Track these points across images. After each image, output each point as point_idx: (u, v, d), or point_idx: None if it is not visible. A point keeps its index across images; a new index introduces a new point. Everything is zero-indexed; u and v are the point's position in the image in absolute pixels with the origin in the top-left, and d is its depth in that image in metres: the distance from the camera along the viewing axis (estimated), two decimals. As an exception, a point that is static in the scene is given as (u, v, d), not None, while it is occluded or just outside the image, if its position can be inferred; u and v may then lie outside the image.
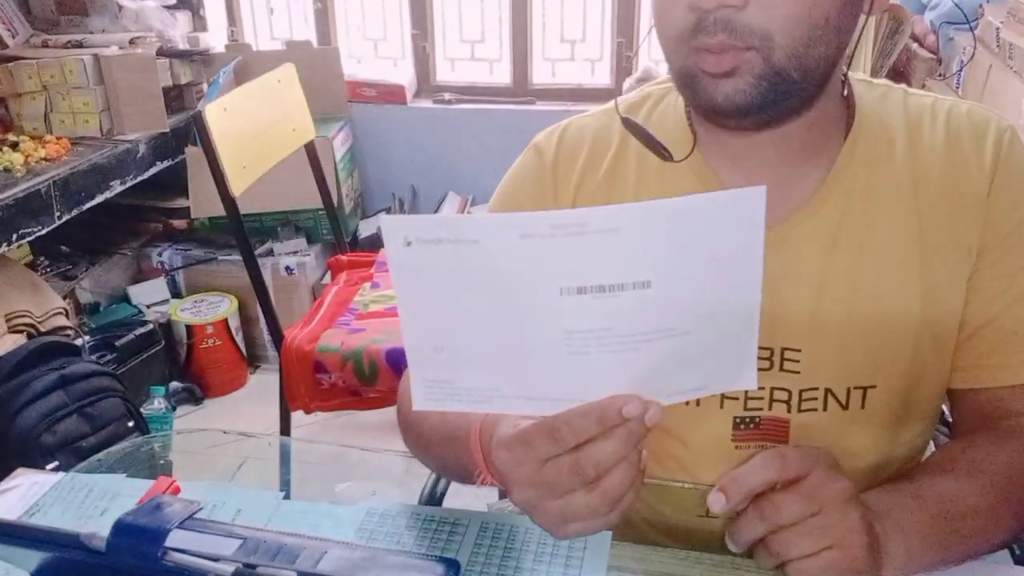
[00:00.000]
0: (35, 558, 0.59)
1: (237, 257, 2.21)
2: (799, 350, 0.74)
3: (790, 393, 0.75)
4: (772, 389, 0.76)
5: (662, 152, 0.77)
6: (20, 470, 0.83)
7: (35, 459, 1.58)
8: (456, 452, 0.69)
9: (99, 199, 2.11)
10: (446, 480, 0.92)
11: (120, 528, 0.51)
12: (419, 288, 0.51)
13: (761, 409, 0.76)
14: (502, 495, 1.50)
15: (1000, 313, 0.74)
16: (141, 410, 1.93)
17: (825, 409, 0.75)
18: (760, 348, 0.74)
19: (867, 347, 0.74)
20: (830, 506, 0.58)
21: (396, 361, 1.59)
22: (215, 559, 0.51)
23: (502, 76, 2.80)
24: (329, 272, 2.47)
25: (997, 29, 1.88)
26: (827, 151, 0.75)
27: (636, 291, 0.49)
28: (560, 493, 0.55)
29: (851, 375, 0.75)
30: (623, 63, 2.66)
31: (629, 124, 0.78)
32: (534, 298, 0.50)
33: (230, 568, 0.49)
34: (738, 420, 0.77)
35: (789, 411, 0.76)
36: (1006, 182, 0.73)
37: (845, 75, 0.75)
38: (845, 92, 0.75)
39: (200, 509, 0.54)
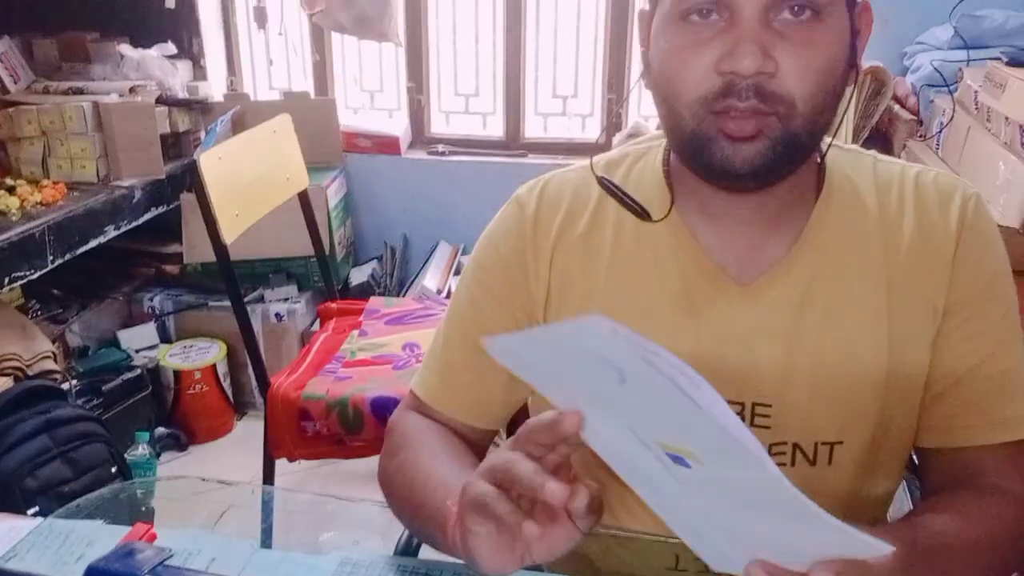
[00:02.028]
0: (7, 603, 0.60)
1: (228, 303, 2.22)
2: (769, 405, 0.76)
3: (760, 448, 0.76)
4: (743, 444, 0.77)
5: (639, 212, 0.79)
6: (-2, 515, 0.83)
7: (17, 503, 1.57)
8: (439, 526, 0.67)
9: (93, 243, 2.13)
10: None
11: (92, 573, 0.51)
12: None
13: (732, 464, 0.77)
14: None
15: (967, 374, 0.76)
16: (125, 456, 1.92)
17: (793, 464, 0.76)
18: (732, 403, 0.76)
19: (835, 404, 0.75)
20: None
21: (381, 410, 1.60)
22: (184, 606, 0.51)
23: (495, 129, 2.85)
24: (319, 319, 2.48)
25: (975, 92, 1.93)
26: (800, 211, 0.77)
27: None
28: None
29: (818, 431, 0.76)
30: (613, 118, 2.71)
31: (605, 185, 0.80)
32: None
33: (197, 616, 0.50)
34: (709, 474, 0.77)
35: (759, 466, 0.77)
36: (971, 246, 0.76)
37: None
38: (819, 157, 0.78)
39: (171, 556, 0.54)
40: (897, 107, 2.28)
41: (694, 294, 0.77)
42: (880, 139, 2.30)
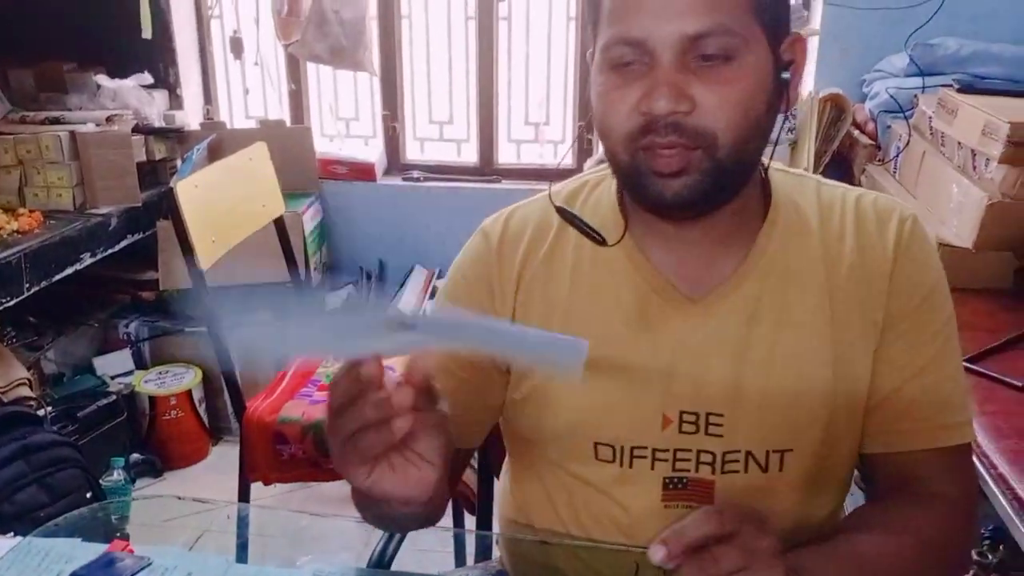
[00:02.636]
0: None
1: (203, 329, 2.24)
2: (722, 415, 0.80)
3: (714, 456, 0.81)
4: (699, 451, 0.81)
5: (595, 238, 0.83)
6: (-22, 534, 0.85)
7: (-9, 529, 1.57)
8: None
9: (69, 271, 2.14)
10: (395, 545, 0.96)
11: (73, 580, 0.54)
12: None
13: (689, 471, 0.81)
14: (458, 563, 1.52)
15: (905, 383, 0.80)
16: (100, 481, 1.93)
17: (746, 471, 0.80)
18: (688, 412, 0.81)
19: (784, 413, 0.79)
20: (759, 559, 0.63)
21: (356, 431, 1.62)
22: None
23: (469, 156, 2.90)
24: (295, 344, 2.50)
25: (929, 118, 2.00)
26: (748, 232, 0.82)
27: None
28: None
29: (770, 439, 0.80)
30: (584, 145, 2.78)
31: (564, 213, 0.85)
32: None
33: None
34: (667, 480, 0.81)
35: (713, 472, 0.81)
36: (907, 263, 0.80)
37: (764, 165, 0.83)
38: (762, 179, 0.83)
39: (150, 564, 0.57)
40: (857, 132, 2.36)
41: (648, 311, 0.81)
42: (841, 164, 2.37)
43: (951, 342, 0.83)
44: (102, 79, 2.54)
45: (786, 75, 0.75)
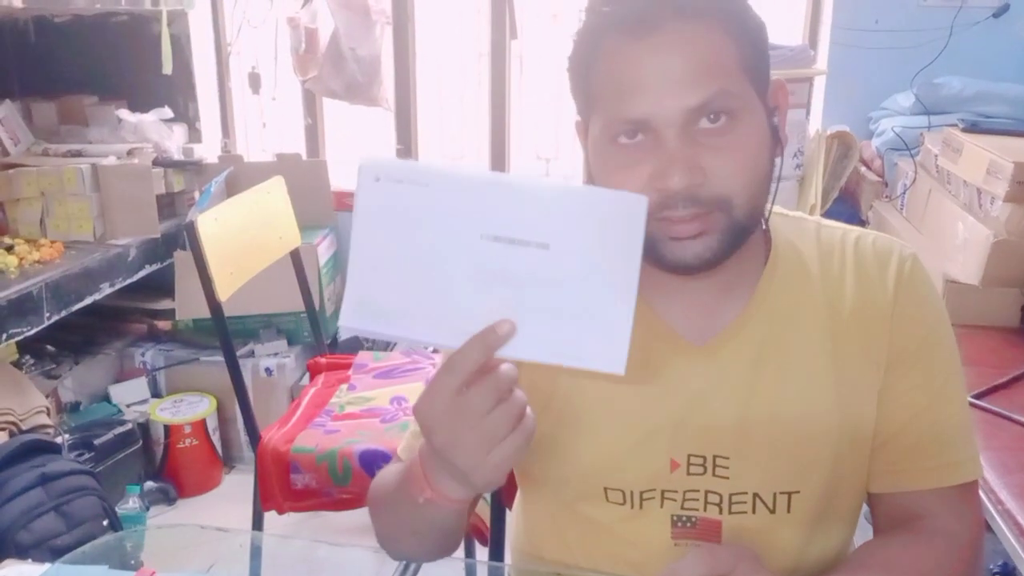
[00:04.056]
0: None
1: (219, 358, 2.27)
2: (728, 457, 0.81)
3: (721, 497, 0.82)
4: (706, 492, 0.82)
5: None
6: (8, 561, 0.88)
7: (10, 557, 1.59)
8: (407, 490, 0.74)
9: (88, 301, 2.18)
10: (412, 572, 0.97)
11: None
12: (376, 220, 0.62)
13: (697, 510, 0.83)
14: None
15: (909, 423, 0.82)
16: (116, 509, 1.95)
17: (754, 512, 0.82)
18: (695, 455, 0.82)
19: (790, 455, 0.81)
20: None
21: (369, 463, 1.64)
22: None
23: (481, 188, 2.95)
24: (308, 373, 2.53)
25: (935, 157, 2.04)
26: (750, 278, 0.83)
27: (536, 249, 0.61)
28: (473, 420, 0.63)
29: (776, 481, 0.82)
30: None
31: None
32: (459, 238, 0.61)
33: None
34: (675, 519, 0.83)
35: (721, 513, 0.82)
36: (908, 303, 0.82)
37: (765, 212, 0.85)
38: (764, 226, 0.85)
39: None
40: (864, 169, 2.39)
41: (654, 359, 0.83)
42: (849, 200, 2.40)
43: (955, 379, 0.84)
44: (123, 113, 2.60)
45: (774, 120, 0.78)
